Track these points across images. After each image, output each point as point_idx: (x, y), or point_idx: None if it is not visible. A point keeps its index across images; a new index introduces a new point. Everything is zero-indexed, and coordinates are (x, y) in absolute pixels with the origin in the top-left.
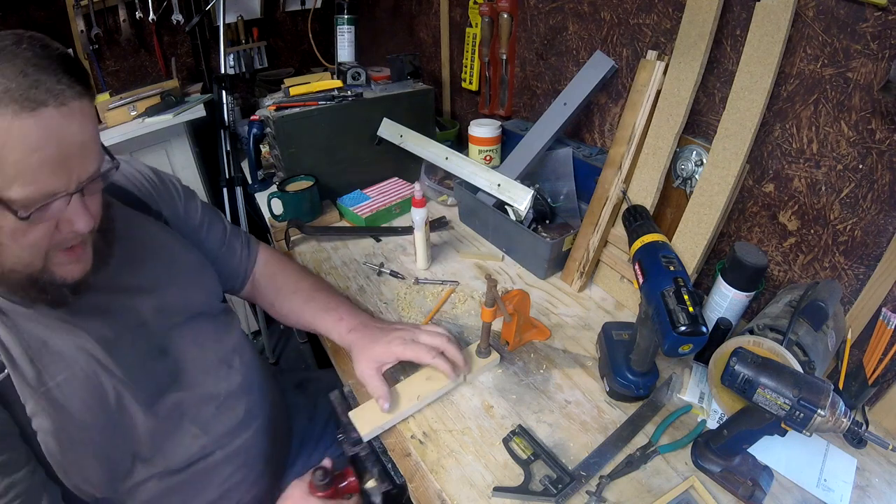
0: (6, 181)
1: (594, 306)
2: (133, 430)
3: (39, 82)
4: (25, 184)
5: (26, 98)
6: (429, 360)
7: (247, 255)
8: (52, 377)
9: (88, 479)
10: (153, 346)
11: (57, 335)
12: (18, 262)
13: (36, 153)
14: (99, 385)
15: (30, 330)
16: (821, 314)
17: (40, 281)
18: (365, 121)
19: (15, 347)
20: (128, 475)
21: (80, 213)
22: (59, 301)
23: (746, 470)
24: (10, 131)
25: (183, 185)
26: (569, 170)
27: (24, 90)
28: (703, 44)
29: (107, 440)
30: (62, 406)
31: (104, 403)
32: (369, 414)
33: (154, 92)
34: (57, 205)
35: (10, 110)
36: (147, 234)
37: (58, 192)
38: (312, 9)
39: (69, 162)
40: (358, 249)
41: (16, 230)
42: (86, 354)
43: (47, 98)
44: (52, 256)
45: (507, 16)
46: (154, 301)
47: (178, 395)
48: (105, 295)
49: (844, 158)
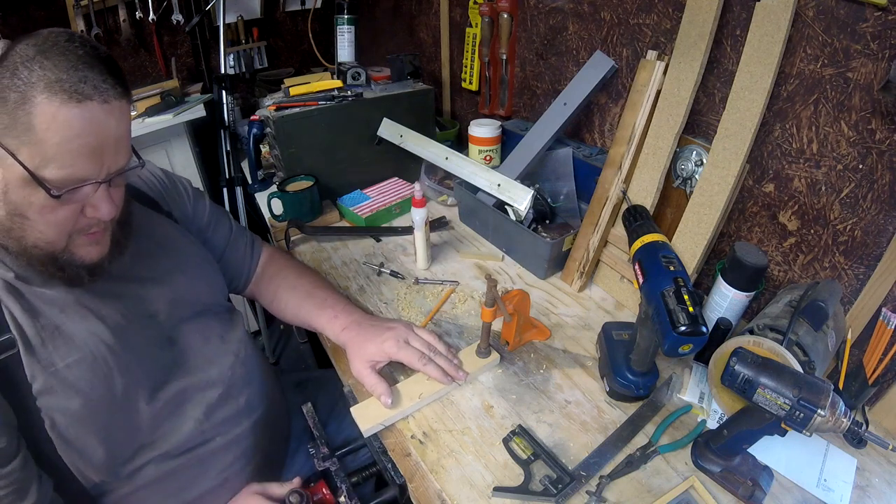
0: (44, 160)
1: (594, 306)
2: (136, 413)
3: (87, 78)
4: (61, 166)
5: (75, 90)
6: (419, 366)
7: (251, 255)
8: (62, 358)
9: (90, 459)
10: (162, 335)
11: (70, 319)
12: (41, 239)
13: (76, 140)
14: (107, 369)
15: (45, 312)
16: (821, 314)
17: (60, 260)
18: (365, 121)
19: (29, 328)
20: (129, 459)
21: (105, 201)
22: (75, 280)
23: (746, 470)
24: (56, 117)
25: (192, 187)
26: (569, 170)
27: (73, 83)
28: (703, 44)
29: (111, 422)
30: (70, 386)
31: (110, 386)
32: (370, 410)
33: (154, 92)
34: (86, 190)
35: (59, 99)
36: (160, 230)
37: (89, 178)
38: (312, 9)
39: (103, 153)
40: (358, 249)
41: (45, 207)
42: (96, 339)
43: (93, 93)
44: (74, 238)
45: (507, 16)
46: (166, 293)
47: (182, 380)
48: (120, 283)
49: (844, 158)
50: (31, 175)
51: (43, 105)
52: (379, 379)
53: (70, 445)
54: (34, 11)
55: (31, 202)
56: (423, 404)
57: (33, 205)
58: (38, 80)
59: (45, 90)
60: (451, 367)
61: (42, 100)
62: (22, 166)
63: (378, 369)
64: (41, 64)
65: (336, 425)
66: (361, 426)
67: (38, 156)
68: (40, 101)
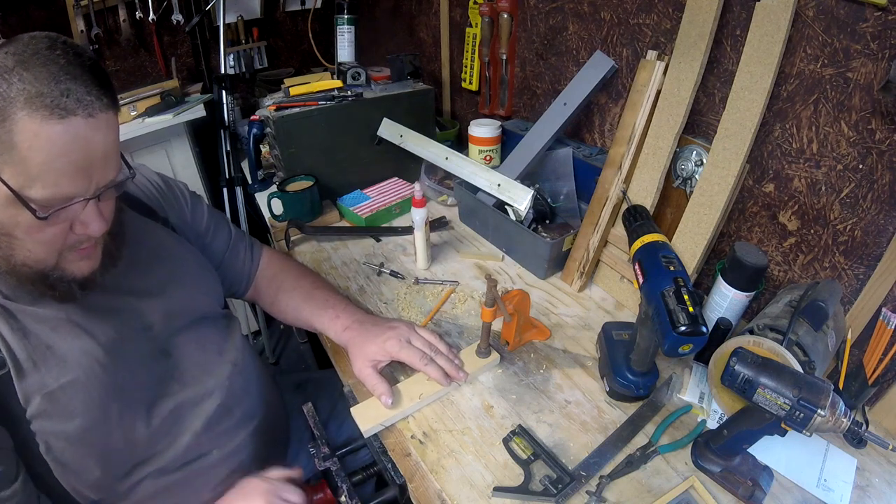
0: (28, 180)
1: (594, 306)
2: (133, 431)
3: (70, 91)
4: (46, 185)
5: (57, 105)
6: (420, 366)
7: (250, 259)
8: (55, 379)
9: (87, 480)
10: (156, 348)
11: (62, 338)
12: (30, 258)
13: (61, 158)
14: (101, 388)
15: (36, 332)
16: (821, 314)
17: (50, 277)
18: (365, 121)
19: (20, 350)
20: (126, 475)
21: (94, 218)
22: (67, 296)
23: (746, 470)
24: (38, 135)
25: (190, 191)
26: (569, 170)
27: (55, 97)
28: (703, 44)
29: (108, 442)
30: (64, 408)
31: (105, 407)
32: (370, 411)
33: (154, 92)
34: (74, 208)
35: (41, 115)
36: (154, 239)
37: (76, 196)
38: (312, 9)
39: (91, 169)
40: (358, 249)
41: (31, 227)
42: (89, 358)
43: (76, 108)
44: (64, 255)
45: (507, 16)
46: (161, 304)
47: (179, 394)
48: (113, 296)
49: (844, 158)
50: (16, 195)
51: (24, 122)
52: (380, 379)
53: (66, 468)
54: (34, 11)
55: (17, 222)
56: (423, 404)
57: (20, 224)
58: (17, 95)
59: (25, 105)
60: (452, 368)
61: (23, 116)
62: (6, 186)
63: (380, 369)
64: (20, 76)
65: (336, 426)
66: (361, 426)
67: (22, 175)
68: (21, 117)
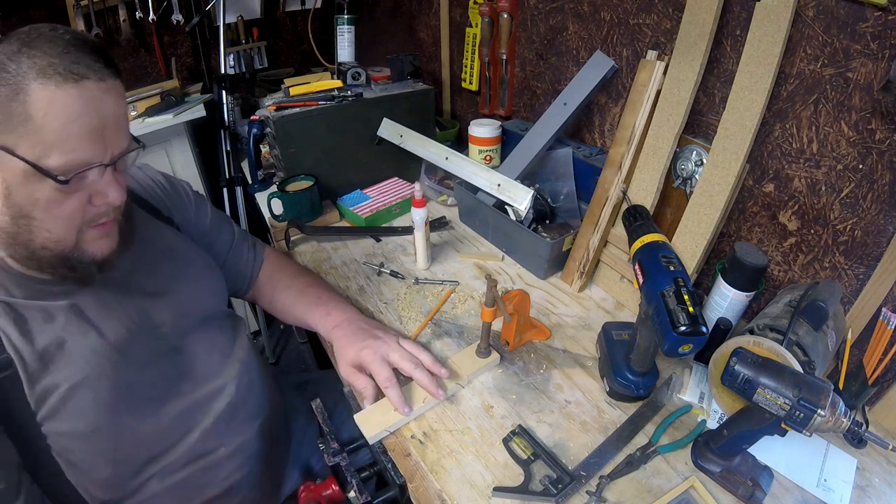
0: (46, 149)
1: (594, 306)
2: (143, 429)
3: (80, 59)
4: (64, 152)
5: (69, 71)
6: (382, 387)
7: (253, 259)
8: (66, 379)
9: (97, 479)
10: (167, 346)
11: (72, 337)
12: (50, 239)
13: (76, 121)
14: (110, 387)
15: (45, 332)
16: (821, 314)
17: (71, 259)
18: (365, 121)
19: (29, 352)
20: (135, 473)
21: (113, 185)
22: (87, 278)
23: (746, 470)
24: (53, 100)
25: (193, 191)
26: (569, 170)
27: (66, 65)
28: (703, 44)
29: (118, 441)
30: (75, 408)
31: (115, 405)
32: (374, 416)
33: (154, 92)
34: (92, 174)
35: (54, 82)
36: (160, 237)
37: (93, 161)
38: (312, 9)
39: (105, 133)
40: (358, 249)
41: (51, 201)
42: (99, 357)
43: (88, 72)
44: (84, 232)
45: (507, 16)
46: (171, 304)
47: (190, 392)
48: (124, 295)
49: (844, 158)
50: (34, 167)
51: (38, 91)
52: (367, 381)
53: (77, 468)
54: (34, 11)
55: (36, 199)
56: (426, 408)
57: (39, 201)
58: (28, 69)
59: (37, 76)
60: (431, 385)
61: (36, 86)
62: (23, 160)
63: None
64: (28, 54)
65: (336, 426)
66: (366, 434)
67: (39, 145)
68: (34, 87)
